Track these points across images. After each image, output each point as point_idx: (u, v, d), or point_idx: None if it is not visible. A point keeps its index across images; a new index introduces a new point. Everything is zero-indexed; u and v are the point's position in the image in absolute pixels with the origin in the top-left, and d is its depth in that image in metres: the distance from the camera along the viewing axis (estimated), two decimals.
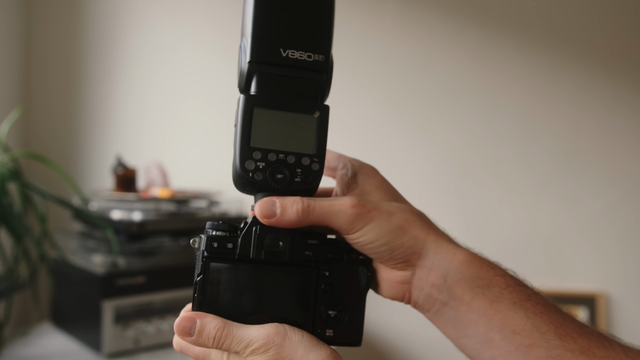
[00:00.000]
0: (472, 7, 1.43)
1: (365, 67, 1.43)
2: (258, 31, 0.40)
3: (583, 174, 1.44)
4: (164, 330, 1.01)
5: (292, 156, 0.40)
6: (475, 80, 1.44)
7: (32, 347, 1.01)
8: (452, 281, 0.41)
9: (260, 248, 0.40)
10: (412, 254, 0.42)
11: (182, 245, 1.13)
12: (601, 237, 1.43)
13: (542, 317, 0.39)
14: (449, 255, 0.41)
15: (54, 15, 1.36)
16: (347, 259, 0.43)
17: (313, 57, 0.41)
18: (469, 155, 1.44)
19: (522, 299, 0.40)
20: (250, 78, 0.41)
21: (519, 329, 0.39)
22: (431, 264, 0.42)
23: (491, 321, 0.40)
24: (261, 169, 0.40)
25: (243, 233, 0.40)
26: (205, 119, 1.41)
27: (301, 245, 0.41)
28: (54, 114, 1.37)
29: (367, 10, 1.42)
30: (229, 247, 0.40)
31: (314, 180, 0.41)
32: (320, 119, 0.41)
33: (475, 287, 0.40)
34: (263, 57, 0.40)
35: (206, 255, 0.40)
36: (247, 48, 0.40)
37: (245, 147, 0.40)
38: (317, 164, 0.41)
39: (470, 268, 0.41)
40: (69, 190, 1.22)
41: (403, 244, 0.41)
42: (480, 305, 0.40)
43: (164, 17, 1.39)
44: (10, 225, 0.89)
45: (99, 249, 1.04)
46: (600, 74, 1.43)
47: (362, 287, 0.43)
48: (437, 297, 0.42)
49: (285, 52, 0.41)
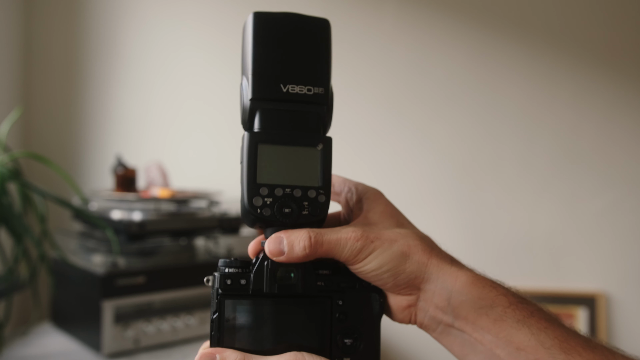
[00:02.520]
0: (472, 7, 1.43)
1: (365, 67, 1.43)
2: (258, 68, 0.41)
3: (583, 174, 1.44)
4: (163, 330, 1.01)
5: (299, 190, 0.41)
6: (475, 80, 1.44)
7: (32, 347, 1.01)
8: (455, 303, 0.42)
9: (273, 282, 0.41)
10: (415, 278, 0.42)
11: (182, 245, 1.13)
12: (601, 237, 1.43)
13: (547, 332, 0.40)
14: (451, 278, 0.42)
15: (54, 15, 1.36)
16: (359, 287, 0.43)
17: (313, 90, 0.42)
18: (468, 155, 1.44)
19: (525, 315, 0.41)
20: (253, 115, 0.42)
21: (523, 345, 0.40)
22: (434, 288, 0.42)
23: (496, 339, 0.41)
24: (269, 205, 0.41)
25: (255, 268, 0.41)
26: (205, 119, 1.41)
27: (313, 276, 0.42)
28: (54, 114, 1.37)
29: (367, 10, 1.42)
30: (243, 283, 0.41)
31: (321, 212, 0.42)
32: (323, 151, 0.42)
33: (478, 308, 0.41)
34: (264, 93, 0.41)
35: (220, 292, 0.41)
36: (248, 86, 0.41)
37: (252, 183, 0.41)
38: (324, 195, 0.42)
39: (473, 289, 0.42)
40: (69, 190, 1.22)
41: (405, 269, 0.42)
42: (484, 325, 0.41)
43: (164, 17, 1.39)
44: (10, 225, 0.89)
45: (99, 249, 1.04)
46: (600, 74, 1.43)
47: (375, 314, 0.44)
48: (442, 319, 0.43)
49: (286, 87, 0.41)
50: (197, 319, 1.05)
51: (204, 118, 1.41)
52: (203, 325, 1.06)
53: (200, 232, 1.12)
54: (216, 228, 1.12)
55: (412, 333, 1.45)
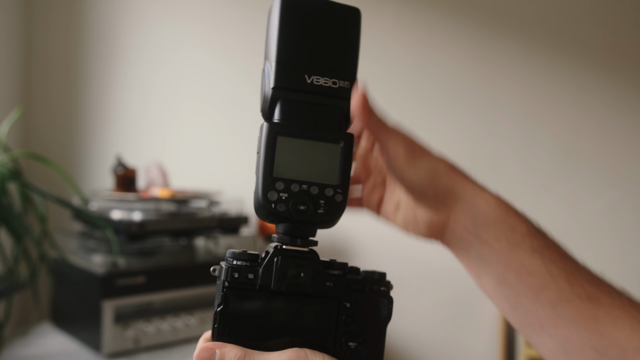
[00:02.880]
0: (472, 7, 1.43)
1: (365, 67, 1.43)
2: (283, 56, 0.40)
3: (583, 174, 1.44)
4: (163, 330, 1.01)
5: (316, 187, 0.40)
6: (475, 80, 1.44)
7: (32, 347, 1.01)
8: (480, 224, 0.45)
9: (282, 279, 0.40)
10: (451, 193, 0.45)
11: (182, 245, 1.13)
12: (601, 237, 1.43)
13: (557, 264, 0.43)
14: (480, 198, 0.45)
15: (54, 15, 1.36)
16: (369, 290, 0.42)
17: (338, 83, 0.41)
18: (468, 155, 1.44)
19: (541, 246, 0.44)
20: (274, 104, 0.40)
21: (534, 272, 0.42)
22: (463, 207, 0.45)
23: (509, 263, 0.43)
24: (284, 200, 0.39)
25: (265, 264, 0.40)
26: (205, 119, 1.41)
27: (322, 276, 0.41)
28: (54, 114, 1.37)
29: (367, 10, 1.42)
30: (250, 277, 0.40)
31: (336, 211, 0.40)
32: (344, 149, 0.41)
33: (499, 232, 0.44)
34: (287, 83, 0.40)
35: (227, 285, 0.39)
36: (271, 73, 0.40)
37: (268, 177, 0.39)
38: (341, 195, 0.40)
39: (497, 211, 0.45)
40: (69, 190, 1.22)
41: (446, 181, 0.46)
42: (502, 249, 0.44)
43: (164, 17, 1.39)
44: (10, 225, 0.89)
45: (99, 249, 1.04)
46: (600, 74, 1.43)
47: (382, 319, 0.43)
48: (466, 238, 0.45)
49: (310, 78, 0.40)
50: (197, 319, 1.05)
51: (204, 118, 1.41)
52: (203, 325, 1.05)
53: (200, 232, 1.12)
54: (216, 228, 1.12)
55: (411, 334, 1.45)
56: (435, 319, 1.44)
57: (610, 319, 0.40)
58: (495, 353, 1.43)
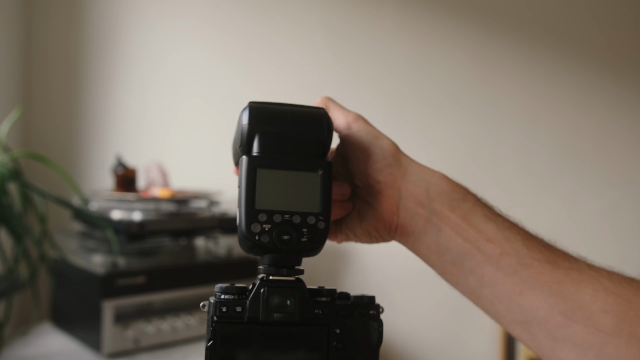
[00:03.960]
0: (472, 7, 1.44)
1: (365, 67, 1.43)
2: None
3: (583, 174, 1.44)
4: (163, 330, 1.01)
5: (298, 216, 0.40)
6: (475, 80, 1.44)
7: (32, 347, 1.01)
8: (433, 194, 0.45)
9: (270, 310, 0.40)
10: (398, 165, 0.47)
11: (182, 245, 1.13)
12: (601, 237, 1.44)
13: (511, 230, 0.44)
14: (429, 172, 0.47)
15: (54, 15, 1.36)
16: (358, 315, 0.43)
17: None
18: (468, 155, 1.44)
19: (492, 213, 0.45)
20: (252, 138, 0.41)
21: (492, 239, 0.43)
22: (415, 179, 0.46)
23: (466, 233, 0.44)
24: (267, 231, 0.40)
25: (251, 296, 0.40)
26: (205, 119, 1.41)
27: (310, 303, 0.41)
28: (54, 114, 1.37)
29: (367, 10, 1.42)
30: (238, 310, 0.40)
31: (320, 239, 0.41)
32: (323, 177, 0.41)
33: (452, 200, 0.45)
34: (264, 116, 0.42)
35: (215, 320, 0.40)
36: (247, 109, 0.42)
37: (250, 209, 0.40)
38: (323, 222, 0.41)
39: (447, 183, 0.46)
40: (69, 190, 1.22)
41: (390, 150, 0.47)
42: (457, 218, 0.44)
43: (164, 17, 1.39)
44: (10, 225, 0.89)
45: (99, 249, 1.04)
46: (600, 74, 1.43)
47: (374, 343, 0.43)
48: (421, 213, 0.46)
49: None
50: (197, 319, 1.05)
51: (204, 118, 1.41)
52: (203, 325, 1.06)
53: (200, 232, 1.12)
54: (216, 228, 1.12)
55: (411, 334, 1.45)
56: (435, 319, 1.44)
57: (572, 281, 0.40)
58: (495, 353, 1.43)
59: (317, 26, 1.40)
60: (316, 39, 1.40)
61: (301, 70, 1.41)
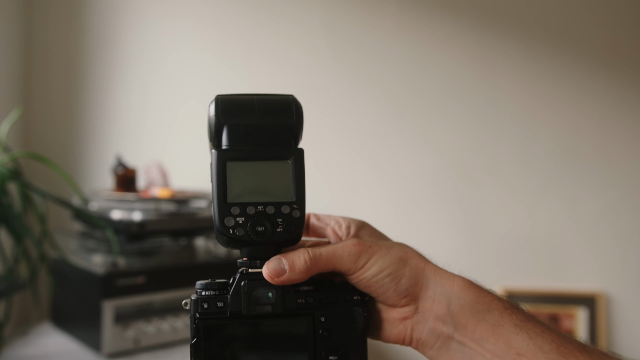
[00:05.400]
0: (472, 7, 1.43)
1: (365, 67, 1.43)
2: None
3: (583, 174, 1.44)
4: (163, 330, 1.01)
5: (272, 206, 0.40)
6: (475, 80, 1.44)
7: (32, 347, 1.01)
8: (455, 309, 0.41)
9: (251, 303, 0.39)
10: (416, 284, 0.42)
11: (182, 245, 1.13)
12: (601, 237, 1.43)
13: (544, 336, 0.40)
14: (448, 282, 0.42)
15: (54, 15, 1.36)
16: (342, 301, 0.42)
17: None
18: (469, 155, 1.44)
19: (522, 320, 0.41)
20: (220, 131, 0.41)
21: (523, 351, 0.39)
22: (434, 294, 0.42)
23: (496, 346, 0.40)
24: (241, 224, 0.39)
25: (232, 289, 0.39)
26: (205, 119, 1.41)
27: (292, 294, 0.40)
28: (54, 114, 1.37)
29: (367, 10, 1.42)
30: (220, 306, 0.39)
31: (296, 228, 0.40)
32: (295, 164, 0.40)
33: (476, 313, 0.41)
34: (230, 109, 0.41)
35: (198, 317, 0.39)
36: (214, 101, 0.41)
37: (222, 203, 0.39)
38: (298, 210, 0.40)
39: (469, 293, 0.42)
40: (69, 190, 1.22)
41: (405, 273, 0.42)
42: (484, 331, 0.41)
43: (164, 17, 1.39)
44: (10, 225, 0.89)
45: (99, 249, 1.04)
46: (600, 74, 1.43)
47: (360, 329, 0.42)
48: (442, 331, 0.42)
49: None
50: None
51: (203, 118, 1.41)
52: None
53: (200, 232, 1.12)
54: None
55: None
56: None
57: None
58: None
59: (317, 26, 1.40)
60: (316, 39, 1.40)
61: (301, 70, 1.41)
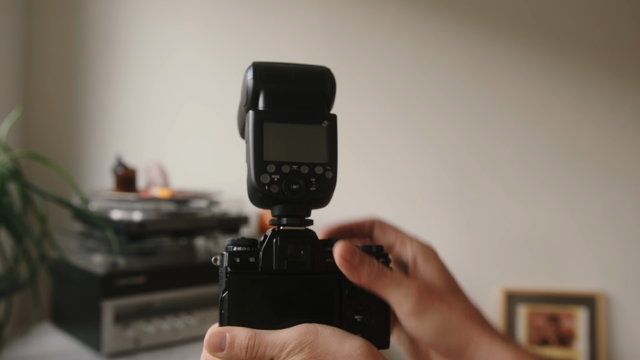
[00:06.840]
0: (472, 7, 1.44)
1: (365, 67, 1.43)
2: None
3: (583, 174, 1.44)
4: (163, 330, 1.01)
5: (306, 166, 0.41)
6: (475, 80, 1.44)
7: (32, 347, 1.01)
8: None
9: (283, 259, 0.41)
10: (465, 350, 0.42)
11: (182, 245, 1.13)
12: (601, 237, 1.43)
13: None
14: (498, 357, 0.41)
15: (54, 15, 1.36)
16: None
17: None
18: (468, 155, 1.44)
19: None
20: (257, 95, 0.42)
21: None
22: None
23: None
24: (276, 182, 0.41)
25: (264, 246, 0.41)
26: (205, 120, 1.41)
27: (322, 253, 0.42)
28: (54, 114, 1.37)
29: (367, 10, 1.42)
30: (252, 260, 0.41)
31: (328, 188, 0.42)
32: (329, 128, 0.42)
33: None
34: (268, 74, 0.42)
35: (230, 271, 0.40)
36: (251, 67, 0.42)
37: (258, 161, 0.41)
38: (330, 171, 0.42)
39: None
40: (69, 190, 1.22)
41: (459, 337, 0.41)
42: None
43: (164, 17, 1.39)
44: (10, 225, 0.89)
45: (99, 249, 1.04)
46: (600, 74, 1.43)
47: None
48: None
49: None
50: (197, 319, 1.05)
51: (203, 118, 1.41)
52: (203, 325, 1.05)
53: (200, 232, 1.12)
54: (216, 228, 1.12)
55: None
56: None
57: None
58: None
59: (317, 26, 1.40)
60: (316, 39, 1.40)
61: None
